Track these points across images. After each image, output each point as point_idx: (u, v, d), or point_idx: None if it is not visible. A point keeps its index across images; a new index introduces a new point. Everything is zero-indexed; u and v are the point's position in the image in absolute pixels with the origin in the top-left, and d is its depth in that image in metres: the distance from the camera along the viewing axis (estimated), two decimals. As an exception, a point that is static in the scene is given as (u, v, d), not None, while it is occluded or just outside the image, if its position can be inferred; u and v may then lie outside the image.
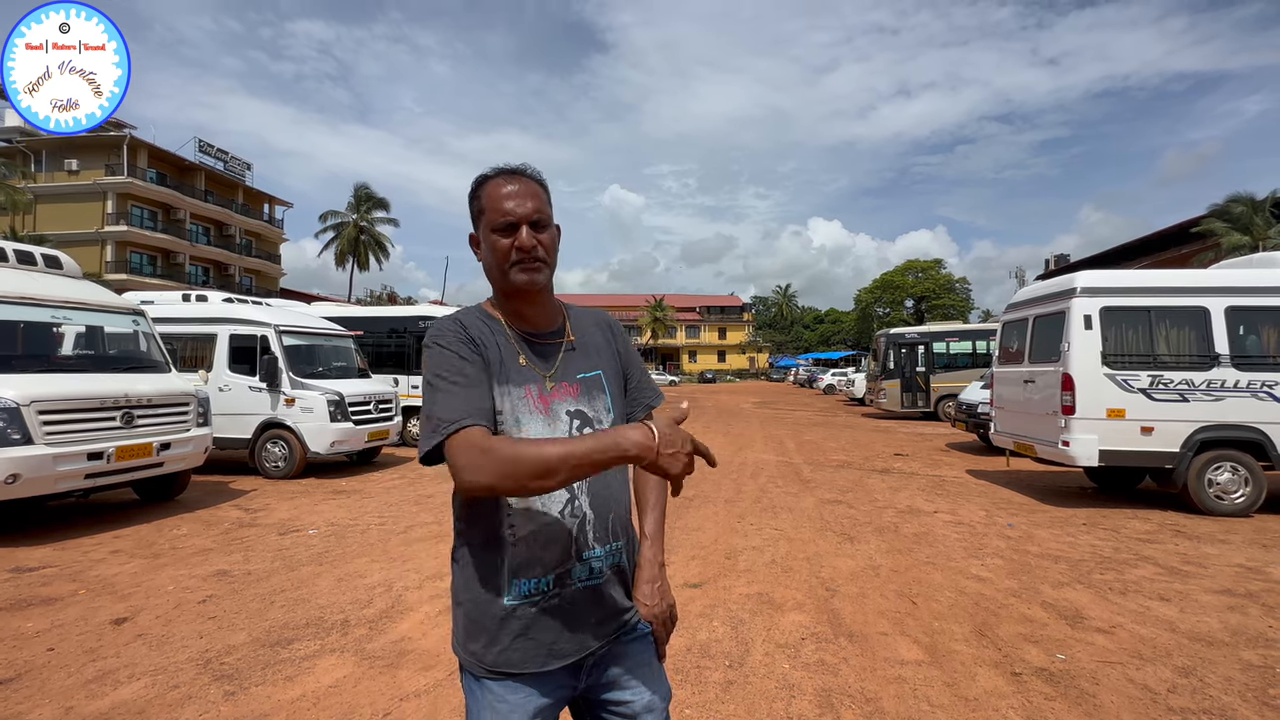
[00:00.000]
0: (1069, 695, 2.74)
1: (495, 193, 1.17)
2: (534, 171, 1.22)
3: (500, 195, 1.16)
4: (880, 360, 18.41)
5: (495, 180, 1.19)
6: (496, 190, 1.17)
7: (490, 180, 1.19)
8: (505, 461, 0.99)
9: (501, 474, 0.99)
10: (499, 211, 1.15)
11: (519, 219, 1.15)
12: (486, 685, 1.13)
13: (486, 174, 1.21)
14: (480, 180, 1.21)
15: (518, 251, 1.15)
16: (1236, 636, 3.36)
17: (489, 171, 1.21)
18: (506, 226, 1.15)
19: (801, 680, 2.89)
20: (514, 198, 1.16)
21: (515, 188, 1.17)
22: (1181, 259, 23.28)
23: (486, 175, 1.21)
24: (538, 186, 1.20)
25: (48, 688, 2.81)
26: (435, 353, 1.14)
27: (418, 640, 3.31)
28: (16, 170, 28.86)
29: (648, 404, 1.35)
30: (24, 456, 4.94)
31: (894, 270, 64.38)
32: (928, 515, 6.26)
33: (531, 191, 1.18)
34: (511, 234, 1.16)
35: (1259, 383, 6.19)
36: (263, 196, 43.87)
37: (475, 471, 1.00)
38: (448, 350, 1.13)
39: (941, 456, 10.63)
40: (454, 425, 1.04)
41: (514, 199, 1.16)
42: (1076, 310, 6.50)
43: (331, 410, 8.36)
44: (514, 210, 1.15)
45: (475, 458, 1.00)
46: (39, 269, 6.22)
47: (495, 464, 0.99)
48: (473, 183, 1.22)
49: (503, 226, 1.16)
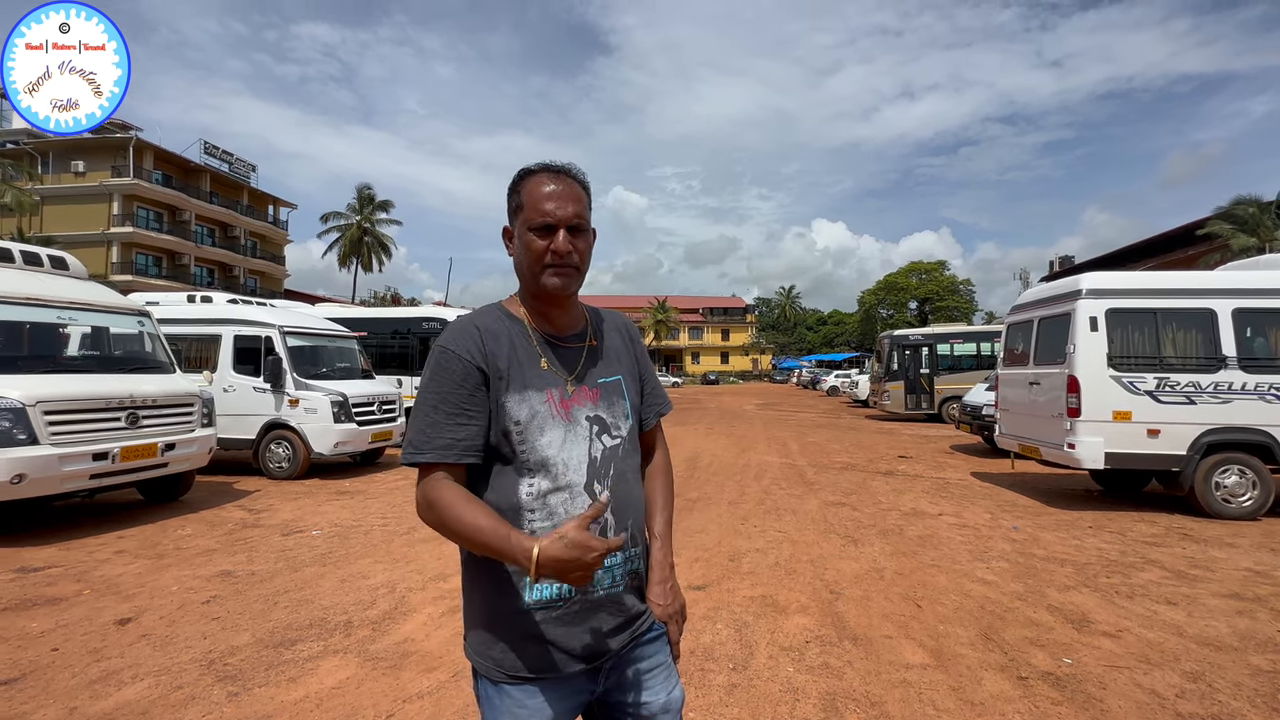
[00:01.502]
0: (1075, 700, 2.72)
1: (537, 190, 1.13)
2: (579, 173, 1.18)
3: (542, 194, 1.12)
4: (884, 362, 18.36)
5: (539, 176, 1.14)
6: (538, 188, 1.13)
7: (533, 176, 1.15)
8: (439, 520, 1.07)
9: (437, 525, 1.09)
10: (538, 211, 1.12)
11: (558, 221, 1.11)
12: (505, 691, 1.11)
13: (531, 168, 1.16)
14: (523, 174, 1.17)
15: (553, 255, 1.12)
16: (1245, 641, 3.33)
17: (533, 166, 1.17)
18: (544, 227, 1.12)
19: (806, 683, 2.88)
20: (555, 199, 1.12)
21: (558, 188, 1.13)
22: (1187, 261, 23.19)
23: (530, 169, 1.16)
24: (580, 189, 1.16)
25: (52, 688, 2.81)
26: (437, 366, 1.12)
27: (421, 641, 3.31)
28: (23, 172, 29.02)
29: (658, 412, 1.35)
30: (30, 457, 4.96)
31: (898, 272, 64.26)
32: (932, 518, 6.23)
33: (574, 194, 1.14)
34: (548, 236, 1.12)
35: (1266, 385, 6.15)
36: (267, 198, 44.03)
37: (422, 511, 1.11)
38: (446, 369, 1.11)
39: (946, 459, 10.59)
40: (419, 456, 1.10)
41: (555, 200, 1.12)
42: (1082, 312, 6.47)
43: (335, 411, 8.37)
44: (554, 212, 1.11)
45: (421, 504, 1.10)
46: (45, 270, 6.25)
47: (432, 519, 1.08)
48: (515, 175, 1.18)
49: (540, 227, 1.12)
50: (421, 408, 1.11)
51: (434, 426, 1.09)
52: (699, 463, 9.89)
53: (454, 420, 1.09)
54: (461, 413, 1.10)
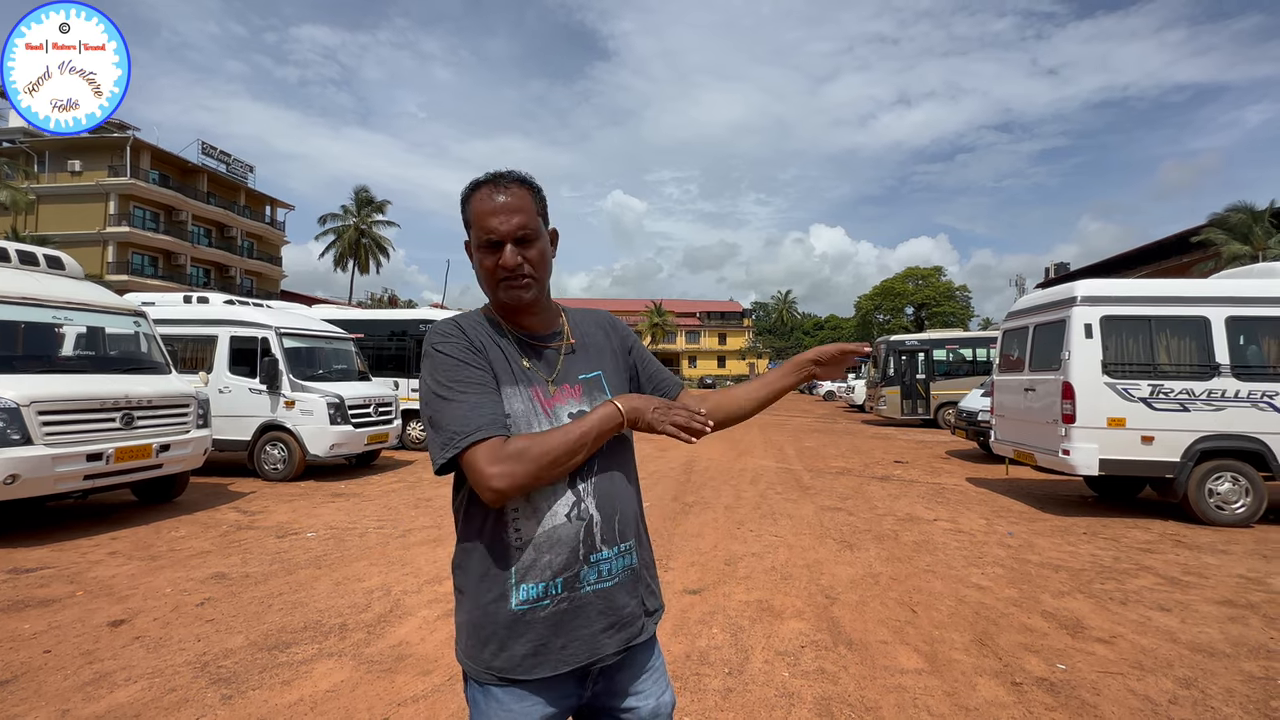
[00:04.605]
0: (1069, 705, 2.73)
1: (480, 207, 1.13)
2: (523, 177, 1.17)
3: (485, 210, 1.12)
4: (880, 367, 18.42)
5: (482, 191, 1.14)
6: (481, 204, 1.13)
7: (478, 191, 1.15)
8: (539, 457, 1.03)
9: (539, 470, 1.03)
10: (483, 228, 1.12)
11: (502, 237, 1.11)
12: (492, 693, 1.11)
13: (478, 180, 1.16)
14: (469, 189, 1.16)
15: (502, 270, 1.13)
16: (1238, 647, 3.34)
17: (481, 177, 1.16)
18: (490, 245, 1.12)
19: (801, 688, 2.88)
20: (498, 214, 1.11)
21: (501, 200, 1.12)
22: (1181, 268, 23.32)
23: (477, 182, 1.16)
24: (526, 195, 1.15)
25: (44, 690, 2.80)
26: (439, 360, 1.12)
27: (416, 645, 3.30)
28: (19, 170, 28.97)
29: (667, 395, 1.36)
30: (23, 457, 4.94)
31: (894, 277, 64.42)
32: (928, 523, 6.24)
33: (517, 205, 1.13)
34: (496, 252, 1.12)
35: (1259, 393, 6.19)
36: (264, 199, 43.97)
37: (509, 478, 1.02)
38: (452, 357, 1.12)
39: (941, 464, 10.61)
40: (470, 438, 1.04)
41: (498, 215, 1.11)
42: (1077, 319, 6.51)
43: (331, 413, 8.35)
44: (497, 228, 1.11)
45: (509, 466, 1.02)
46: (41, 269, 6.23)
47: (530, 464, 1.03)
48: (463, 190, 1.18)
49: (486, 244, 1.13)
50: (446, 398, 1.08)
51: (468, 408, 1.07)
52: (695, 467, 9.89)
53: (490, 398, 1.10)
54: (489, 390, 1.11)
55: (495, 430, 1.06)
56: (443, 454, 1.06)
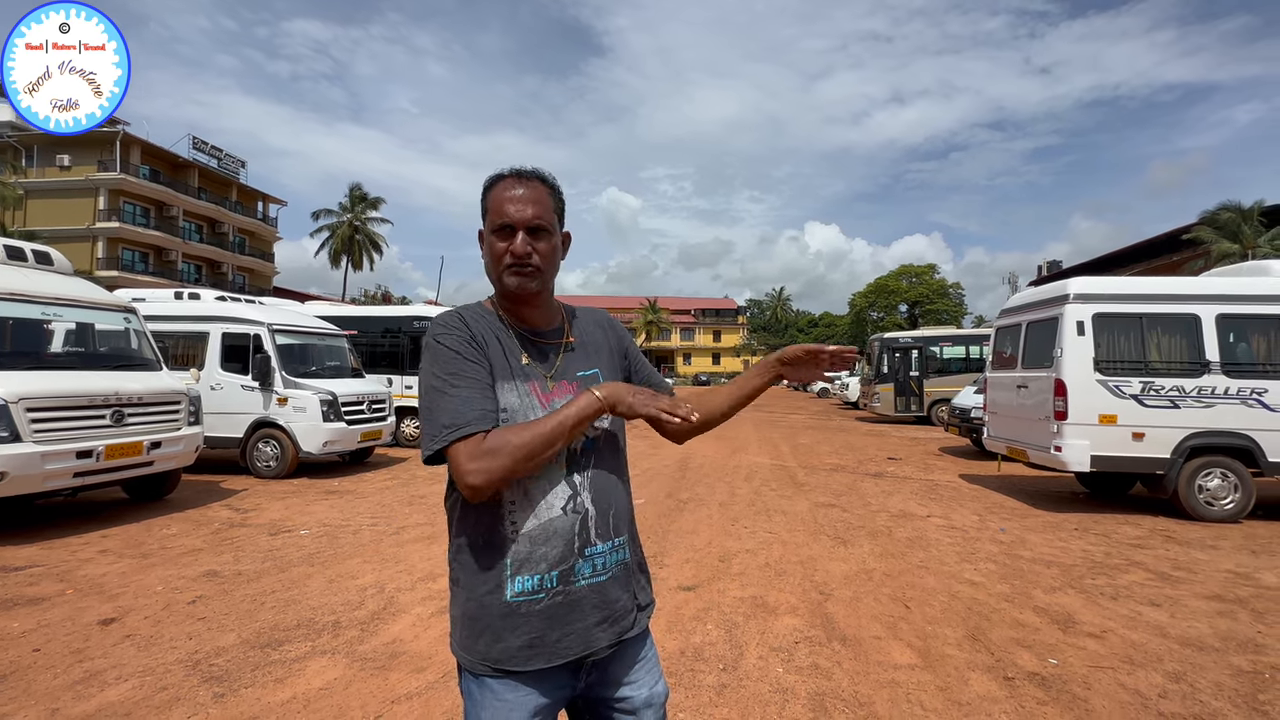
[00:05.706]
0: (1060, 700, 2.75)
1: (500, 194, 1.17)
2: (546, 176, 1.23)
3: (503, 198, 1.17)
4: (874, 364, 18.48)
5: (504, 181, 1.19)
6: (501, 192, 1.17)
7: (499, 181, 1.20)
8: (514, 451, 1.04)
9: (514, 464, 1.04)
10: (498, 214, 1.16)
11: (516, 224, 1.15)
12: (486, 684, 1.12)
13: (501, 173, 1.21)
14: (491, 180, 1.21)
15: (511, 256, 1.16)
16: (1226, 642, 3.38)
17: (504, 171, 1.22)
18: (503, 229, 1.16)
19: (795, 684, 2.89)
20: (516, 202, 1.16)
21: (520, 191, 1.17)
22: (1172, 266, 23.50)
23: (500, 175, 1.21)
24: (545, 192, 1.19)
25: (33, 689, 2.77)
26: (438, 351, 1.14)
27: (410, 642, 3.29)
28: (7, 165, 28.61)
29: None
30: (11, 455, 4.89)
31: (888, 275, 64.55)
32: (921, 519, 6.27)
33: (535, 197, 1.17)
34: (508, 238, 1.16)
35: (1248, 390, 6.24)
36: (257, 194, 43.65)
37: (485, 474, 1.03)
38: (450, 350, 1.13)
39: (934, 461, 10.67)
40: (457, 432, 1.06)
41: (515, 203, 1.16)
42: (1069, 316, 6.55)
43: (324, 410, 8.31)
44: (512, 215, 1.15)
45: (485, 462, 1.03)
46: (29, 265, 6.16)
47: (505, 459, 1.03)
48: (486, 181, 1.22)
49: (499, 229, 1.16)
50: (440, 390, 1.10)
51: (459, 402, 1.08)
52: (690, 464, 9.91)
53: (481, 392, 1.11)
54: (483, 385, 1.12)
55: (481, 425, 1.07)
56: (431, 445, 1.08)
